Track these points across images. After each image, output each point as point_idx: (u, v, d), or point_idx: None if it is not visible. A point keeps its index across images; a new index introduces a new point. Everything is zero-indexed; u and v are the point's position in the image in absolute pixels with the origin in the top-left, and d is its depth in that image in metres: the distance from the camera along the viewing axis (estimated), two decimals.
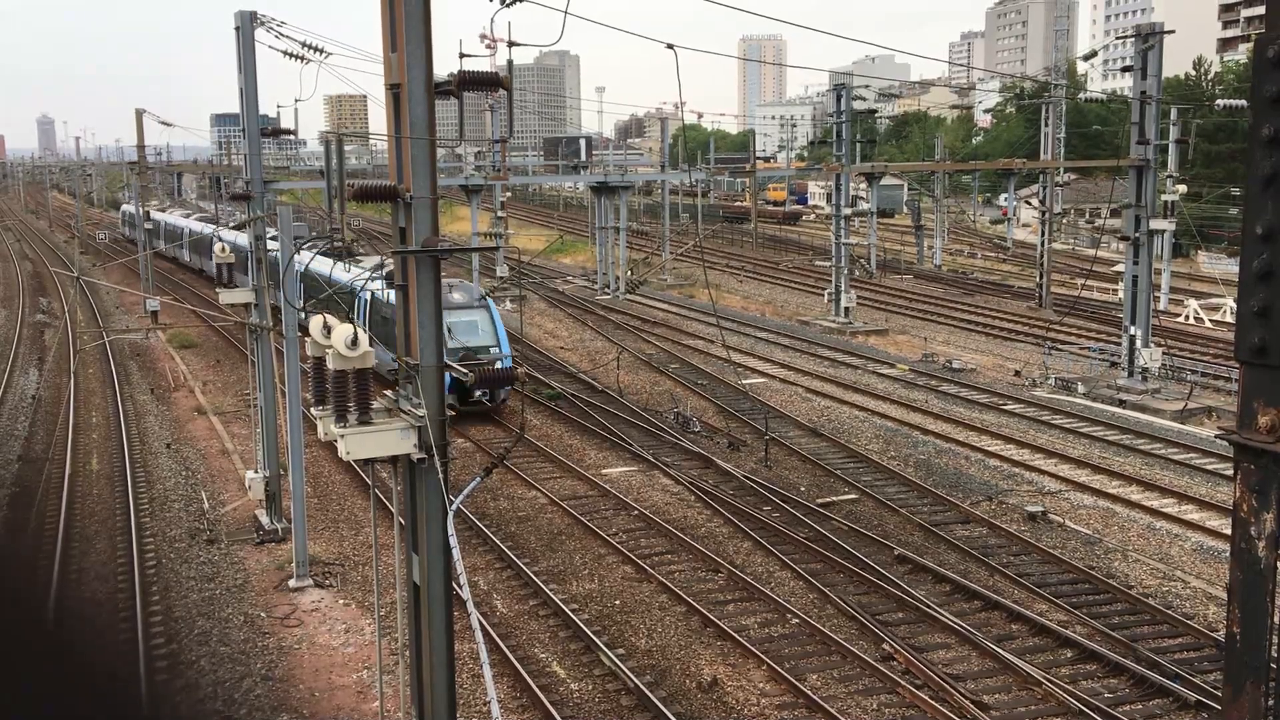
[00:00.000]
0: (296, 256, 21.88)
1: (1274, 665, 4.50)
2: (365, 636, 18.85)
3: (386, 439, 10.24)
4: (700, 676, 17.43)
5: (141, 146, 58.01)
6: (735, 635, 18.38)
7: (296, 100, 23.46)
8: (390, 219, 10.47)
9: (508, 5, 13.88)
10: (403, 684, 11.92)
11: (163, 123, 48.91)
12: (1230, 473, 4.61)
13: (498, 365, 22.39)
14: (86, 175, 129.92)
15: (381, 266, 29.20)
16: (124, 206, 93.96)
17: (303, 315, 18.50)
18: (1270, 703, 4.51)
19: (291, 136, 31.17)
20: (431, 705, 10.69)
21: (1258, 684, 4.52)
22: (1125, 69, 36.46)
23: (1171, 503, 25.01)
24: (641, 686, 16.81)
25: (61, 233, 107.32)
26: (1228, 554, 5.67)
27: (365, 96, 21.11)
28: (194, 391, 38.42)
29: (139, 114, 54.85)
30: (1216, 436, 25.73)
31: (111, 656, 1.71)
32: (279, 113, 44.21)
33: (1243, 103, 53.13)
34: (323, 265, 30.43)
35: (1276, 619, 4.51)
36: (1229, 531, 4.82)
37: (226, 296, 24.35)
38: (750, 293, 59.98)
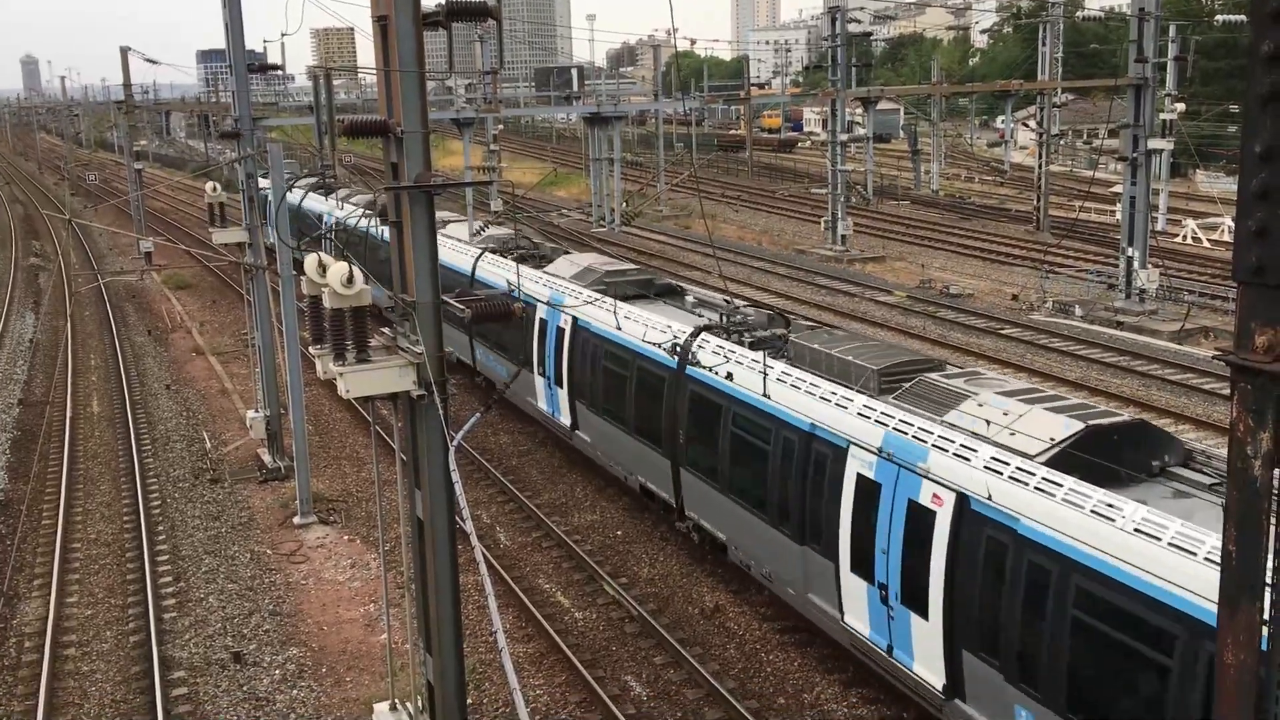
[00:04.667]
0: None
1: (1270, 584, 4.55)
2: (371, 571, 19.06)
3: (385, 376, 10.24)
4: (703, 603, 17.66)
5: (128, 85, 56.92)
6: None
7: (283, 35, 23.21)
8: (382, 154, 10.35)
9: None
10: (409, 616, 12.08)
11: (148, 60, 48.14)
12: (1227, 392, 4.62)
13: None
14: (74, 116, 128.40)
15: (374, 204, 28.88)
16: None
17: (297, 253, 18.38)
18: (1266, 619, 4.57)
19: (279, 72, 30.80)
20: (439, 637, 10.84)
21: (1254, 602, 4.57)
22: None
23: (1168, 423, 25.08)
24: (645, 614, 17.05)
25: (50, 174, 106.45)
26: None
27: (353, 29, 20.81)
28: (191, 332, 38.40)
29: (124, 52, 53.87)
30: (1214, 357, 25.79)
31: None
32: (265, 48, 43.56)
33: (1243, 18, 52.43)
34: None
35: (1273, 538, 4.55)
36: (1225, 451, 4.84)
37: (219, 236, 24.19)
38: (746, 222, 59.67)
